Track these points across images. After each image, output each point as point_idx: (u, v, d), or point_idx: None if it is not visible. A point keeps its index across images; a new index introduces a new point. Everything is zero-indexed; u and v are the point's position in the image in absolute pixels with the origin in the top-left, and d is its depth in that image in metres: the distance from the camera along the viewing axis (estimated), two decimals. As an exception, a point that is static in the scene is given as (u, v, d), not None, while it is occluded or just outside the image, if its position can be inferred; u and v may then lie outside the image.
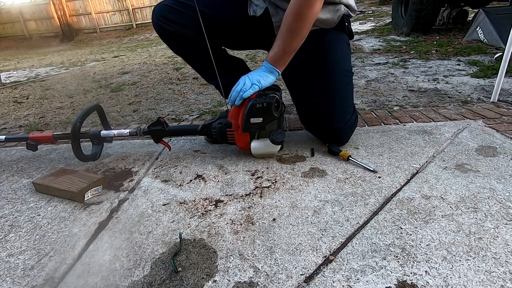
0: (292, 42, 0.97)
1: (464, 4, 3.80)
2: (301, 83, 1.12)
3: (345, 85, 1.10)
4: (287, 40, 0.96)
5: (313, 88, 1.09)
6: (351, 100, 1.12)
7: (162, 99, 2.18)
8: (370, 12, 7.07)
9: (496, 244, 0.66)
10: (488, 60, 2.31)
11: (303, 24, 0.94)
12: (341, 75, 1.10)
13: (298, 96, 1.15)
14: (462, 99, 1.59)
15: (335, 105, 1.07)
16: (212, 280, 0.64)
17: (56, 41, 11.66)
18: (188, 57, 1.27)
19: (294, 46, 0.98)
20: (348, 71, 1.13)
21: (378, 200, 0.84)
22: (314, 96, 1.08)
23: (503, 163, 0.95)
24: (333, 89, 1.07)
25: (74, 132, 1.09)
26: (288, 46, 0.97)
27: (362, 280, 0.61)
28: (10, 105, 2.45)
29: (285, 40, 0.97)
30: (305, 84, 1.11)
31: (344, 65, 1.11)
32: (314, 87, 1.09)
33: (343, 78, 1.10)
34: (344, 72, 1.11)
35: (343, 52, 1.13)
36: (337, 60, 1.10)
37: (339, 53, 1.12)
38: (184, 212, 0.86)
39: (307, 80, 1.10)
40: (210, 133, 1.12)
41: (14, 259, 0.74)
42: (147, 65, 3.84)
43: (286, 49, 0.98)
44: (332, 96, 1.07)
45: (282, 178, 0.98)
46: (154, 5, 9.13)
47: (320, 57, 1.09)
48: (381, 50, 3.14)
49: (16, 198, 1.00)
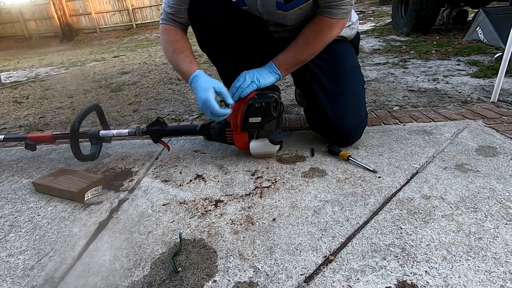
0: (304, 54, 1.03)
1: (464, 4, 3.80)
2: (317, 83, 1.13)
3: (360, 88, 1.15)
4: (299, 50, 1.02)
5: (330, 88, 1.11)
6: (364, 104, 1.16)
7: (162, 99, 2.18)
8: (370, 12, 7.07)
9: (496, 244, 0.66)
10: (488, 60, 2.31)
11: (318, 43, 1.01)
12: (358, 77, 1.15)
13: (314, 98, 1.15)
14: (462, 99, 1.59)
15: (351, 105, 1.09)
16: (212, 280, 0.64)
17: (56, 41, 11.66)
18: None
19: (304, 58, 1.04)
20: (361, 75, 1.18)
21: (378, 200, 0.84)
22: (330, 96, 1.10)
23: (503, 163, 0.95)
24: (349, 90, 1.10)
25: (73, 132, 1.09)
26: (299, 56, 1.03)
27: (362, 280, 0.61)
28: (10, 105, 2.45)
29: (297, 49, 1.02)
30: (322, 84, 1.12)
31: (357, 69, 1.17)
32: (331, 88, 1.11)
33: (359, 81, 1.15)
34: (358, 76, 1.16)
35: (355, 59, 1.20)
36: (351, 64, 1.15)
37: (352, 59, 1.18)
38: (184, 212, 0.86)
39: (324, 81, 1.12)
40: (209, 133, 1.12)
41: (14, 259, 0.74)
42: (147, 65, 3.84)
43: (296, 58, 1.03)
44: (348, 96, 1.09)
45: (282, 178, 0.98)
46: (154, 5, 9.11)
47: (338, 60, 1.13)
48: (381, 50, 3.14)
49: (16, 198, 1.00)
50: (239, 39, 1.14)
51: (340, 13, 0.95)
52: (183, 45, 1.07)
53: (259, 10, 1.02)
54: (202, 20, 1.10)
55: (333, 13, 0.94)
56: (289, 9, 0.96)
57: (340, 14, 0.95)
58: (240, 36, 1.14)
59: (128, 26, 11.62)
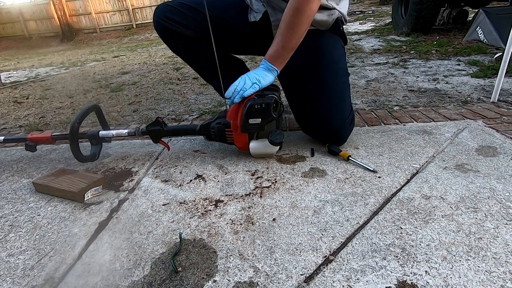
0: (291, 39, 0.97)
1: (464, 4, 3.80)
2: (297, 84, 1.12)
3: (341, 84, 1.11)
4: (286, 36, 0.97)
5: (310, 88, 1.09)
6: (348, 99, 1.13)
7: (162, 99, 2.18)
8: (370, 12, 7.06)
9: (496, 244, 0.66)
10: (488, 60, 2.31)
11: (301, 20, 0.94)
12: (337, 74, 1.10)
13: (295, 98, 1.14)
14: (462, 99, 1.59)
15: (332, 103, 1.07)
16: (212, 280, 0.64)
17: (56, 41, 11.66)
18: (188, 57, 1.28)
19: (293, 43, 0.98)
20: (343, 70, 1.13)
21: (378, 200, 0.84)
22: (310, 97, 1.08)
23: (503, 163, 0.95)
24: (329, 88, 1.07)
25: (72, 133, 1.09)
26: (287, 42, 0.98)
27: (362, 280, 0.61)
28: (10, 105, 2.45)
29: (284, 37, 0.97)
30: (301, 85, 1.11)
31: (339, 64, 1.12)
32: (310, 88, 1.09)
33: (339, 77, 1.10)
34: (340, 71, 1.12)
35: (339, 53, 1.15)
36: (332, 60, 1.11)
37: (334, 53, 1.13)
38: (184, 212, 0.86)
39: (303, 81, 1.10)
40: (209, 133, 1.12)
41: (14, 259, 0.74)
42: (147, 65, 3.84)
43: (285, 46, 0.98)
44: (329, 95, 1.07)
45: (282, 178, 0.98)
46: (154, 5, 9.14)
47: (315, 57, 1.09)
48: (381, 50, 3.14)
49: (16, 198, 1.00)
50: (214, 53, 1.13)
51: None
52: None
53: None
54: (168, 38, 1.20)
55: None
56: None
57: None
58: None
59: (128, 26, 11.62)
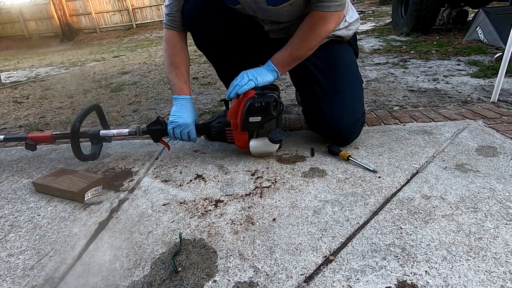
0: (300, 50, 1.02)
1: (464, 4, 3.80)
2: (314, 81, 1.13)
3: (357, 87, 1.15)
4: (296, 47, 1.02)
5: (326, 86, 1.11)
6: (361, 102, 1.16)
7: (162, 99, 2.18)
8: (370, 12, 7.07)
9: (496, 244, 0.66)
10: (488, 60, 2.31)
11: (314, 37, 1.00)
12: (354, 77, 1.15)
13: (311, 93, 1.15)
14: (462, 99, 1.59)
15: (347, 103, 1.09)
16: (212, 280, 0.64)
17: (56, 41, 11.65)
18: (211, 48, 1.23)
19: (301, 54, 1.03)
20: (359, 74, 1.18)
21: (378, 200, 0.84)
22: (326, 94, 1.10)
23: (503, 163, 0.95)
24: (346, 88, 1.10)
25: (73, 132, 1.09)
26: (295, 52, 1.02)
27: (362, 280, 0.61)
28: (10, 105, 2.45)
29: (294, 46, 1.02)
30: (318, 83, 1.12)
31: (354, 68, 1.17)
32: (327, 86, 1.11)
33: (355, 80, 1.15)
34: (355, 75, 1.16)
35: (353, 59, 1.20)
36: (348, 64, 1.15)
37: (350, 59, 1.18)
38: (184, 212, 0.86)
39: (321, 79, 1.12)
40: (209, 132, 1.12)
41: (14, 259, 0.74)
42: (147, 65, 3.84)
43: (292, 54, 1.02)
44: (345, 94, 1.09)
45: (282, 178, 0.98)
46: (154, 5, 9.14)
47: (333, 59, 1.13)
48: (381, 50, 3.14)
49: (16, 198, 1.00)
50: (235, 40, 1.15)
51: (333, 6, 0.93)
52: (180, 59, 1.12)
53: (251, 7, 1.03)
54: (196, 22, 1.11)
55: (325, 6, 0.93)
56: (279, 4, 0.97)
57: (332, 6, 0.93)
58: (236, 37, 1.14)
59: (128, 26, 11.62)
